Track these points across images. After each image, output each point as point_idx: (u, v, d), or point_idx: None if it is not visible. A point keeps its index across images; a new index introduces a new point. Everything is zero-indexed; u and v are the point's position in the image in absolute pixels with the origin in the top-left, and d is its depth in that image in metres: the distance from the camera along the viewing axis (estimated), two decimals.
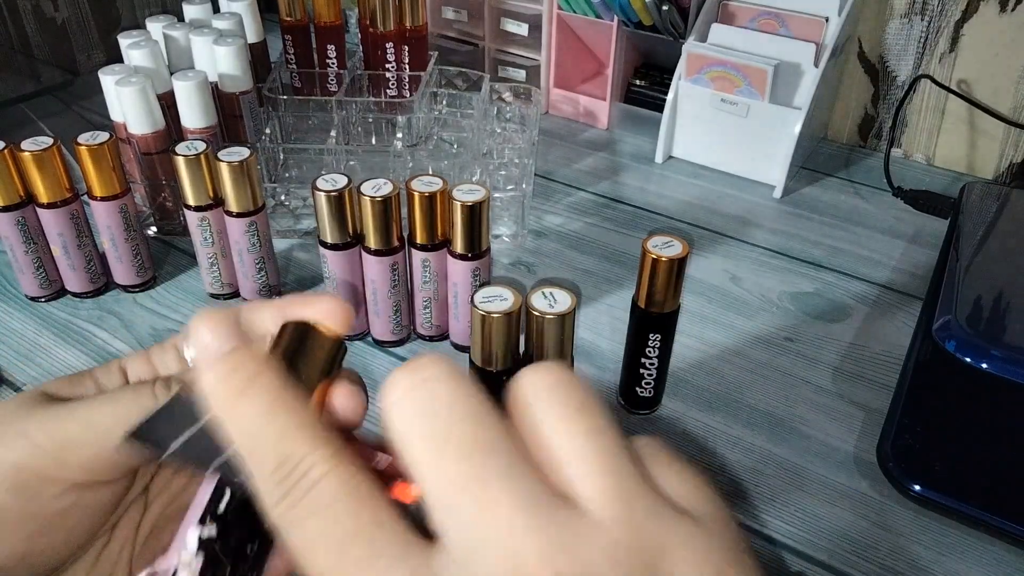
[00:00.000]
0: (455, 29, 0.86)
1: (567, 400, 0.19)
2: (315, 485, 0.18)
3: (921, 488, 0.41)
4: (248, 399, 0.19)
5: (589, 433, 0.18)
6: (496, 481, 0.17)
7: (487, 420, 0.18)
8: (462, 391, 0.19)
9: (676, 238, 0.41)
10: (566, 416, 0.19)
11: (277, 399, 0.20)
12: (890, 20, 0.73)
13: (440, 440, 0.18)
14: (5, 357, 0.52)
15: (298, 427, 0.19)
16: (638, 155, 0.77)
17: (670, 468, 0.20)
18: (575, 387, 0.19)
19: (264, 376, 0.20)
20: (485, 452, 0.18)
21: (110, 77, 0.57)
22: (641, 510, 0.18)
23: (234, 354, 0.20)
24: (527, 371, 0.20)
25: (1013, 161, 0.72)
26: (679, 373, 0.51)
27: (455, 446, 0.18)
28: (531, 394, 0.19)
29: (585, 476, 0.18)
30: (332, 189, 0.46)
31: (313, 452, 0.19)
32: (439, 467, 0.18)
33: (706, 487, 0.20)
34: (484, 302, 0.38)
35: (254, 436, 0.19)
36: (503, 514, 0.17)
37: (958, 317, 0.44)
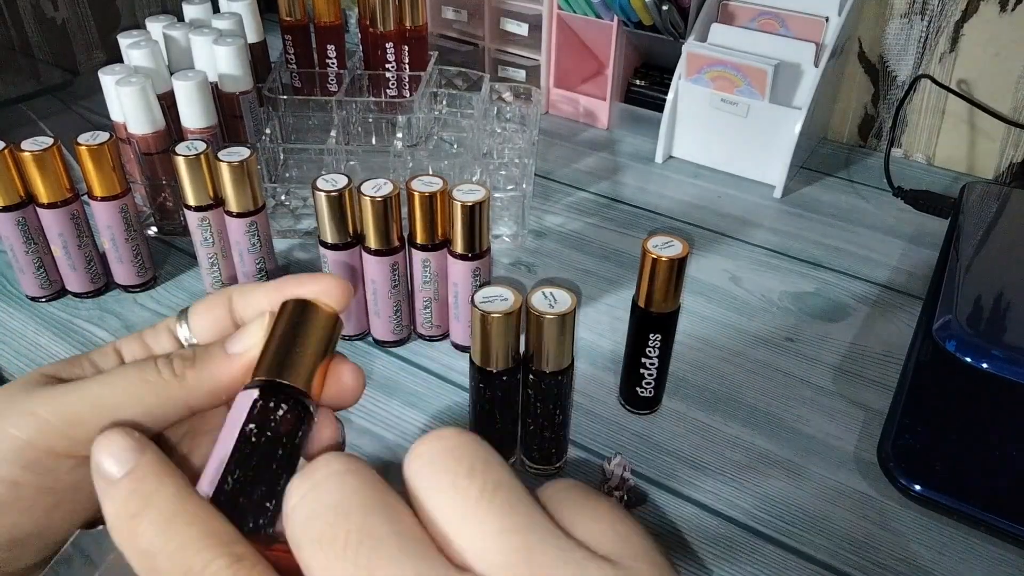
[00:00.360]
0: (455, 29, 0.86)
1: (455, 467, 0.18)
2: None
3: (921, 488, 0.41)
4: (144, 519, 0.19)
5: (480, 496, 0.18)
6: (384, 569, 0.17)
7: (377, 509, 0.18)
8: (351, 486, 0.18)
9: (676, 238, 0.41)
10: (455, 484, 0.18)
11: (174, 514, 0.20)
12: (890, 20, 0.73)
13: (326, 540, 0.18)
14: (5, 357, 0.52)
15: (196, 539, 0.19)
16: (638, 155, 0.77)
17: (582, 511, 0.19)
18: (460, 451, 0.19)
19: (161, 492, 0.20)
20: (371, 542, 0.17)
21: (110, 77, 0.57)
22: (548, 563, 0.17)
23: (129, 477, 0.20)
24: (414, 446, 0.19)
25: (1013, 161, 0.72)
26: (679, 373, 0.51)
27: (340, 543, 0.17)
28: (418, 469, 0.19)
29: (482, 539, 0.17)
30: (332, 189, 0.46)
31: (212, 562, 0.19)
32: (328, 568, 0.17)
33: (623, 523, 0.19)
34: (484, 302, 0.38)
35: (153, 557, 0.19)
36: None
37: (958, 317, 0.44)
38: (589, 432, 0.47)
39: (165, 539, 0.19)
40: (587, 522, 0.18)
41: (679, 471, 0.44)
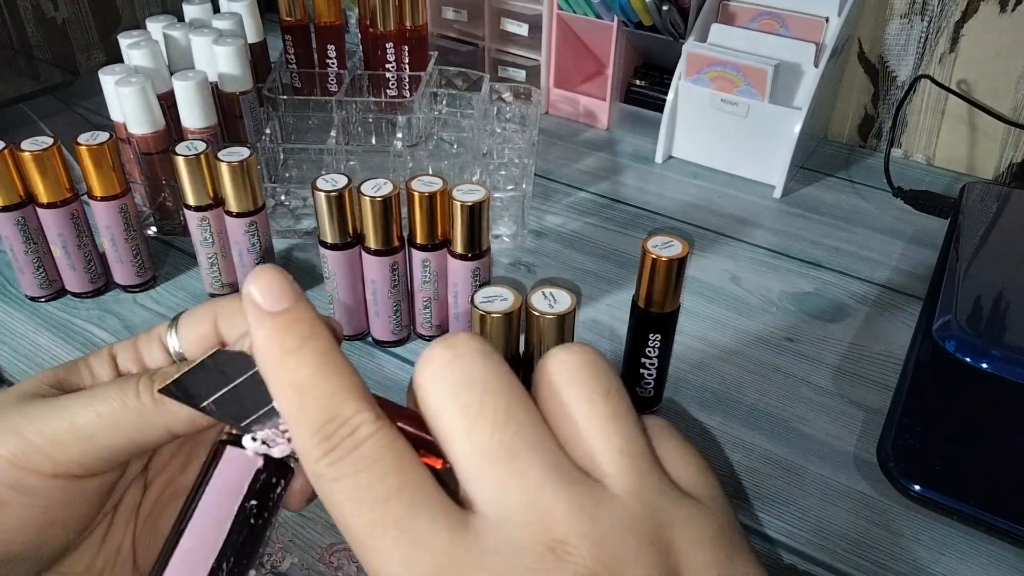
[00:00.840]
0: (455, 29, 0.86)
1: (594, 384, 0.20)
2: (361, 443, 0.19)
3: (921, 488, 0.41)
4: (300, 357, 0.20)
5: (612, 418, 0.20)
6: (525, 453, 0.19)
7: (517, 395, 0.20)
8: (493, 368, 0.20)
9: (676, 238, 0.41)
10: (591, 399, 0.20)
11: (328, 359, 0.20)
12: (890, 20, 0.73)
13: (472, 412, 0.19)
14: (5, 357, 0.52)
15: (347, 388, 0.20)
16: (638, 155, 0.77)
17: (677, 452, 0.21)
18: (601, 371, 0.21)
19: (316, 336, 0.21)
20: (515, 425, 0.19)
21: (110, 77, 0.57)
22: (652, 488, 0.20)
23: (288, 313, 0.21)
24: (558, 351, 0.21)
25: (1013, 161, 0.72)
26: (679, 373, 0.51)
27: (488, 418, 0.19)
28: (561, 373, 0.20)
29: (606, 454, 0.20)
30: (332, 189, 0.46)
31: (360, 412, 0.20)
32: (471, 437, 0.19)
33: (708, 472, 0.22)
34: (484, 302, 0.38)
35: (303, 392, 0.20)
36: (531, 481, 0.18)
37: (958, 317, 0.44)
38: None
39: (317, 379, 0.20)
40: (681, 463, 0.21)
41: None
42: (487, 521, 0.18)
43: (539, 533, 0.18)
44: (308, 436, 0.19)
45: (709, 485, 0.21)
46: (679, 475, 0.21)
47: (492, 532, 0.18)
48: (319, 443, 0.19)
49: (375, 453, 0.19)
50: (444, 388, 0.19)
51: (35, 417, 0.23)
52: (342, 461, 0.19)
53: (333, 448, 0.19)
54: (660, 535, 0.19)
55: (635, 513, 0.19)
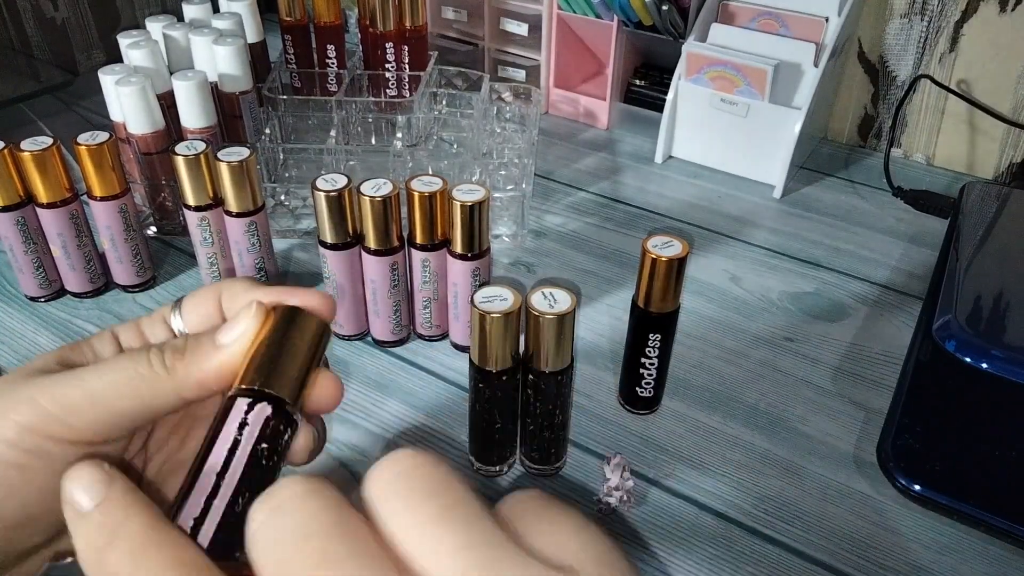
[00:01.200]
0: (455, 29, 0.86)
1: (411, 490, 0.18)
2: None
3: (921, 488, 0.41)
4: (114, 551, 0.20)
5: (439, 517, 0.18)
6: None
7: (337, 532, 0.18)
8: (313, 508, 0.18)
9: (676, 238, 0.41)
10: (411, 507, 0.18)
11: (143, 544, 0.20)
12: (890, 20, 0.73)
13: (287, 565, 0.18)
14: (5, 357, 0.52)
15: (166, 568, 0.19)
16: (638, 155, 0.77)
17: (542, 520, 0.19)
18: (420, 473, 0.19)
19: (130, 522, 0.20)
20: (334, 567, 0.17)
21: (110, 77, 0.57)
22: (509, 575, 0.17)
23: (98, 509, 0.20)
24: (371, 471, 0.19)
25: (1013, 161, 0.72)
26: (679, 373, 0.50)
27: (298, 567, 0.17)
28: (376, 493, 0.19)
29: (439, 559, 0.17)
30: (332, 189, 0.46)
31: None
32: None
33: (585, 531, 0.19)
34: (484, 302, 0.38)
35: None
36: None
37: (958, 317, 0.44)
38: (589, 432, 0.47)
39: (133, 569, 0.19)
40: (548, 532, 0.19)
41: (679, 471, 0.44)
42: None
43: None
44: None
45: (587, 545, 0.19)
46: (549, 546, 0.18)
47: None
48: None
49: None
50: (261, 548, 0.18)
51: (48, 387, 0.24)
52: None
53: None
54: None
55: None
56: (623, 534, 0.41)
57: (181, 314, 0.27)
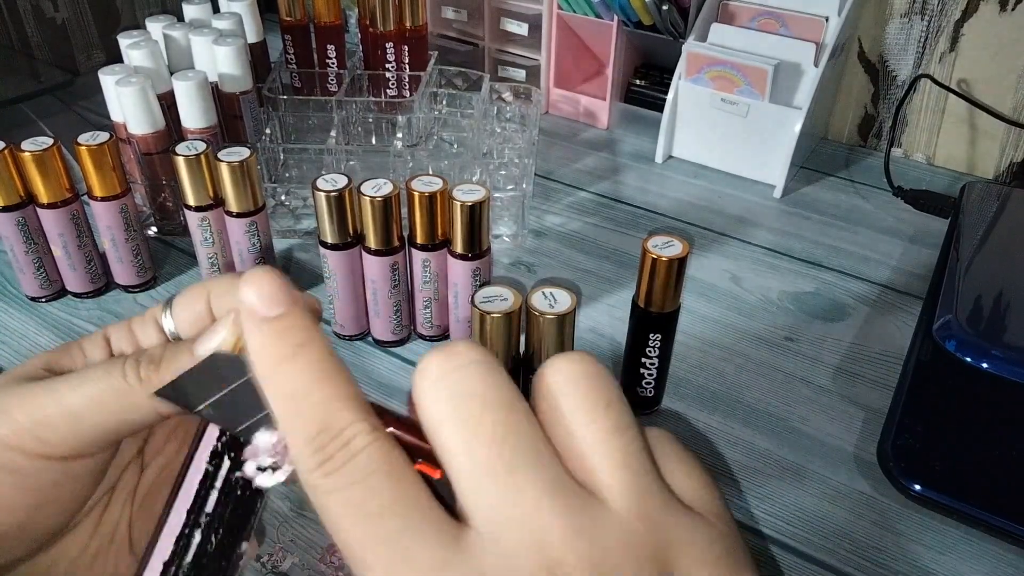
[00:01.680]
0: (455, 29, 0.86)
1: (595, 395, 0.20)
2: (356, 455, 0.19)
3: (921, 488, 0.41)
4: (296, 364, 0.20)
5: (613, 430, 0.19)
6: (523, 467, 0.18)
7: (516, 408, 0.19)
8: (493, 379, 0.19)
9: (676, 238, 0.41)
10: (592, 411, 0.19)
11: (323, 367, 0.20)
12: (890, 20, 0.73)
13: (471, 425, 0.18)
14: (5, 357, 0.52)
15: (343, 397, 0.19)
16: (638, 155, 0.77)
17: (680, 465, 0.21)
18: (602, 382, 0.20)
19: (313, 344, 0.20)
20: (514, 439, 0.18)
21: (110, 77, 0.57)
22: (653, 505, 0.19)
23: (284, 318, 0.20)
24: (557, 360, 0.20)
25: (1013, 161, 0.72)
26: (679, 373, 0.51)
27: (486, 432, 0.18)
28: (561, 383, 0.20)
29: (606, 470, 0.19)
30: (332, 189, 0.46)
31: (356, 423, 0.19)
32: (470, 451, 0.18)
33: (712, 486, 0.21)
34: (484, 302, 0.38)
35: (298, 400, 0.19)
36: (529, 498, 0.18)
37: (958, 317, 0.44)
38: None
39: (312, 388, 0.19)
40: (682, 476, 0.21)
41: None
42: (483, 538, 0.18)
43: (536, 553, 0.18)
44: (302, 446, 0.19)
45: (713, 500, 0.20)
46: (682, 489, 0.20)
47: (488, 550, 0.18)
48: (313, 453, 0.19)
49: (369, 465, 0.18)
50: (442, 400, 0.19)
51: (24, 398, 0.24)
52: (336, 473, 0.18)
53: (327, 459, 0.19)
54: (661, 554, 0.18)
55: (635, 531, 0.18)
56: None
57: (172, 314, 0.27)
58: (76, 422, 0.23)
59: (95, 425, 0.24)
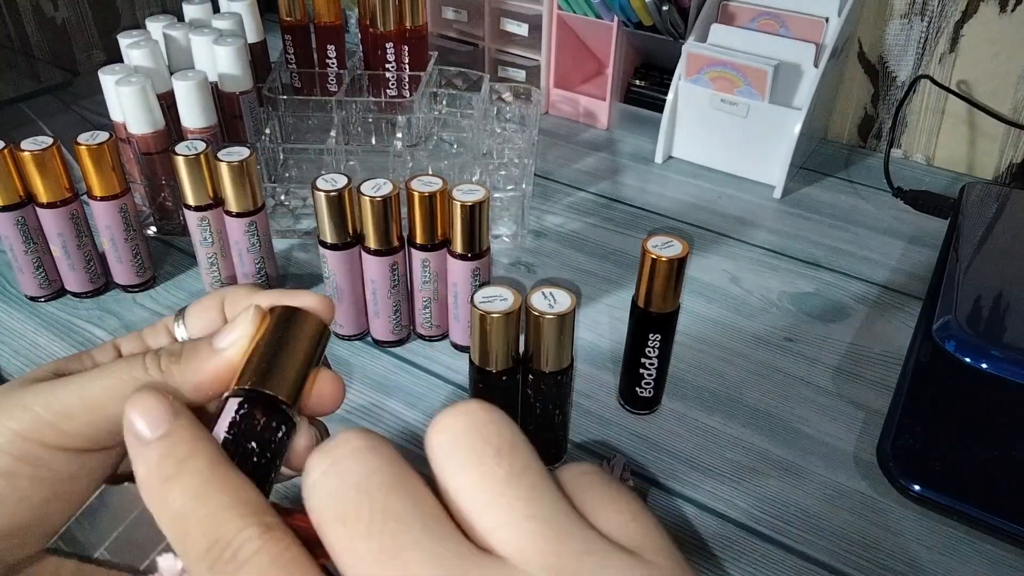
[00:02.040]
0: (455, 29, 0.86)
1: (482, 446, 0.18)
2: (245, 563, 0.18)
3: (921, 488, 0.41)
4: (180, 482, 0.19)
5: (507, 480, 0.18)
6: (408, 550, 0.17)
7: (399, 488, 0.18)
8: (373, 463, 0.18)
9: (676, 238, 0.41)
10: (479, 464, 0.18)
11: (207, 481, 0.19)
12: (890, 20, 0.73)
13: (350, 519, 0.18)
14: (4, 357, 0.52)
15: (230, 505, 0.19)
16: (638, 155, 0.77)
17: (603, 499, 0.19)
18: (490, 428, 0.18)
19: (195, 458, 0.20)
20: (395, 523, 0.17)
21: (110, 77, 0.57)
22: (572, 553, 0.17)
23: (165, 438, 0.20)
24: (437, 420, 0.19)
25: (1013, 161, 0.72)
26: (679, 373, 0.50)
27: (364, 522, 0.17)
28: (444, 443, 0.18)
29: (504, 525, 0.17)
30: (332, 189, 0.46)
31: (244, 529, 0.19)
32: (351, 546, 0.17)
33: (642, 517, 0.19)
34: (484, 302, 0.38)
35: (185, 519, 0.19)
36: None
37: (958, 317, 0.44)
38: (589, 432, 0.47)
39: (197, 504, 0.19)
40: (609, 512, 0.19)
41: (679, 471, 0.44)
42: None
43: None
44: (195, 564, 0.19)
45: (647, 534, 0.18)
46: (609, 525, 0.18)
47: None
48: (207, 571, 0.18)
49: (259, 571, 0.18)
50: (321, 499, 0.18)
51: (43, 392, 0.24)
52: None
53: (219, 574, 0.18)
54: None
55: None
56: None
57: (185, 323, 0.27)
58: (94, 412, 0.24)
59: (113, 415, 0.24)
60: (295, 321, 0.25)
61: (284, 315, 0.25)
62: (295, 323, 0.25)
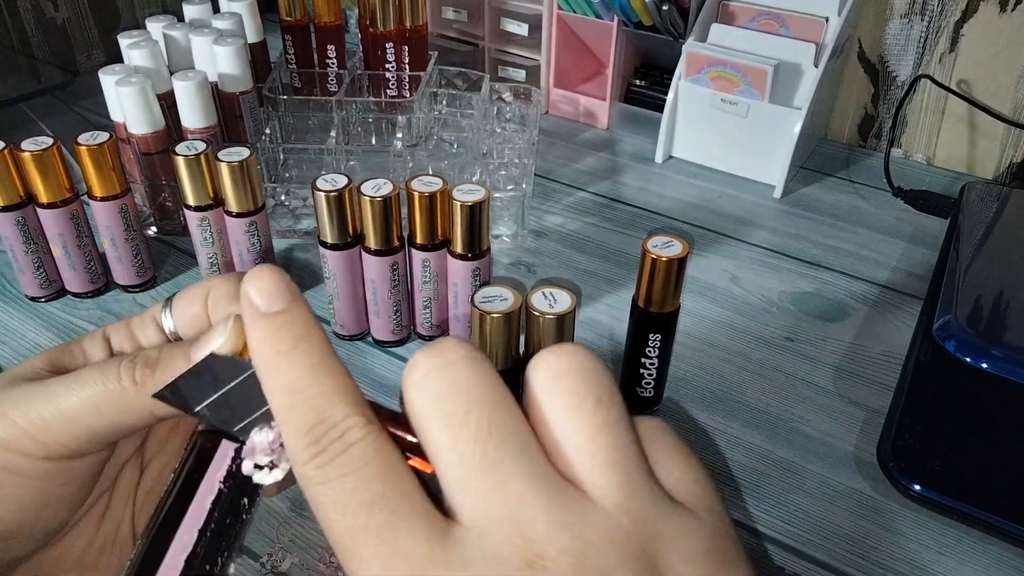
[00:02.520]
0: (455, 29, 0.86)
1: (583, 391, 0.19)
2: (350, 447, 0.19)
3: (921, 488, 0.41)
4: (293, 357, 0.20)
5: (601, 427, 0.19)
6: (509, 463, 0.18)
7: (503, 404, 0.19)
8: (480, 375, 0.19)
9: (676, 238, 0.41)
10: (579, 408, 0.19)
11: (321, 361, 0.20)
12: (890, 20, 0.73)
13: (457, 422, 0.18)
14: (5, 357, 0.52)
15: (340, 391, 0.20)
16: (638, 155, 0.77)
17: (673, 457, 0.21)
18: (591, 376, 0.20)
19: (310, 338, 0.20)
20: (499, 434, 0.18)
21: (110, 77, 0.57)
22: (641, 500, 0.19)
23: (282, 314, 0.20)
24: (547, 354, 0.20)
25: (1013, 161, 0.72)
26: (679, 373, 0.51)
27: (471, 428, 0.18)
28: (548, 379, 0.20)
29: (594, 466, 0.19)
30: (332, 189, 0.46)
31: (351, 416, 0.19)
32: (455, 448, 0.18)
33: (705, 480, 0.21)
34: (484, 302, 0.38)
35: (295, 393, 0.20)
36: (513, 493, 0.18)
37: (958, 317, 0.44)
38: None
39: (310, 381, 0.20)
40: (675, 469, 0.20)
41: None
42: (468, 532, 0.18)
43: (519, 546, 0.18)
44: (297, 438, 0.19)
45: (705, 494, 0.20)
46: (673, 483, 0.20)
47: (473, 544, 0.18)
48: (307, 445, 0.19)
49: (362, 458, 0.19)
50: (428, 397, 0.19)
51: (21, 401, 0.24)
52: (329, 464, 0.19)
53: (321, 451, 0.19)
54: (647, 550, 0.18)
55: (620, 526, 0.18)
56: None
57: (172, 313, 0.27)
58: (71, 425, 0.23)
59: (90, 427, 0.24)
60: None
61: None
62: None
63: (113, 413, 0.24)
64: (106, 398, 0.24)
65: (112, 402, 0.24)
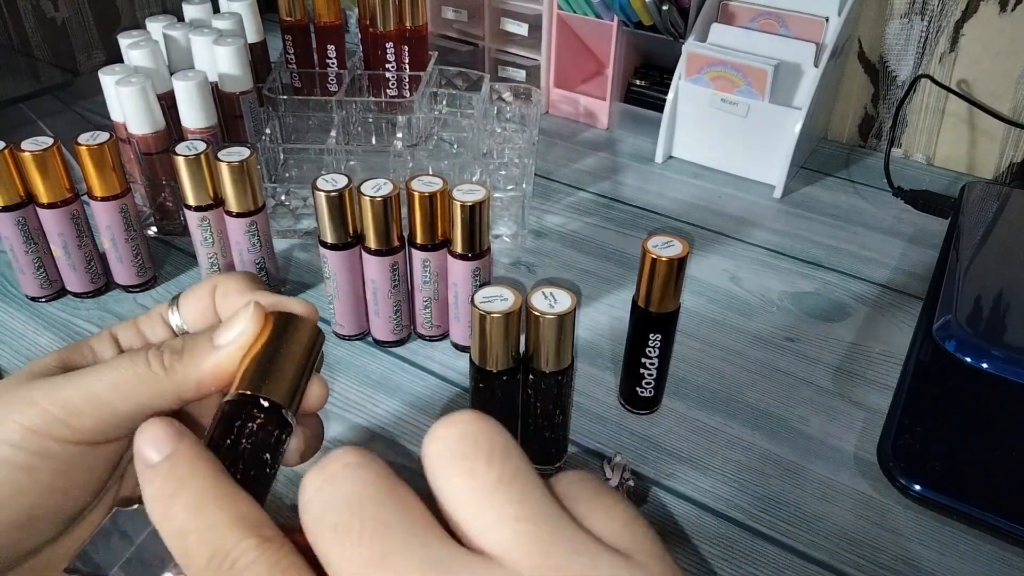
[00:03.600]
0: (455, 29, 0.86)
1: (474, 453, 0.19)
2: (243, 571, 0.19)
3: (921, 488, 0.41)
4: (180, 500, 0.20)
5: (497, 484, 0.18)
6: (394, 555, 0.18)
7: (389, 500, 0.19)
8: (364, 478, 0.19)
9: (676, 238, 0.41)
10: (471, 470, 0.18)
11: (208, 496, 0.20)
12: (890, 20, 0.73)
13: (342, 530, 0.18)
14: (5, 357, 0.52)
15: (228, 519, 0.20)
16: (638, 155, 0.77)
17: (596, 504, 0.19)
18: (482, 437, 0.19)
19: (195, 476, 0.21)
20: (384, 530, 0.18)
21: (110, 77, 0.57)
22: (561, 553, 0.17)
23: (167, 459, 0.21)
24: (435, 428, 0.19)
25: (1013, 161, 0.72)
26: (679, 373, 0.51)
27: (355, 532, 0.18)
28: (439, 452, 0.19)
29: (501, 525, 0.18)
30: (332, 189, 0.46)
31: (242, 541, 0.19)
32: (342, 553, 0.18)
33: (636, 522, 0.19)
34: (484, 302, 0.38)
35: (186, 536, 0.20)
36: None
37: (958, 317, 0.44)
38: (589, 432, 0.47)
39: (197, 520, 0.20)
40: (600, 517, 0.19)
41: (679, 471, 0.44)
42: None
43: None
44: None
45: (638, 537, 0.19)
46: (601, 530, 0.19)
47: None
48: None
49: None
50: (315, 513, 0.19)
51: (49, 389, 0.25)
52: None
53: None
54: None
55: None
56: None
57: (179, 311, 0.28)
58: (102, 409, 0.25)
59: (120, 411, 0.25)
60: (292, 327, 0.26)
61: (282, 321, 0.26)
62: (292, 330, 0.25)
63: (142, 397, 0.25)
64: (137, 382, 0.25)
65: (141, 387, 0.25)
